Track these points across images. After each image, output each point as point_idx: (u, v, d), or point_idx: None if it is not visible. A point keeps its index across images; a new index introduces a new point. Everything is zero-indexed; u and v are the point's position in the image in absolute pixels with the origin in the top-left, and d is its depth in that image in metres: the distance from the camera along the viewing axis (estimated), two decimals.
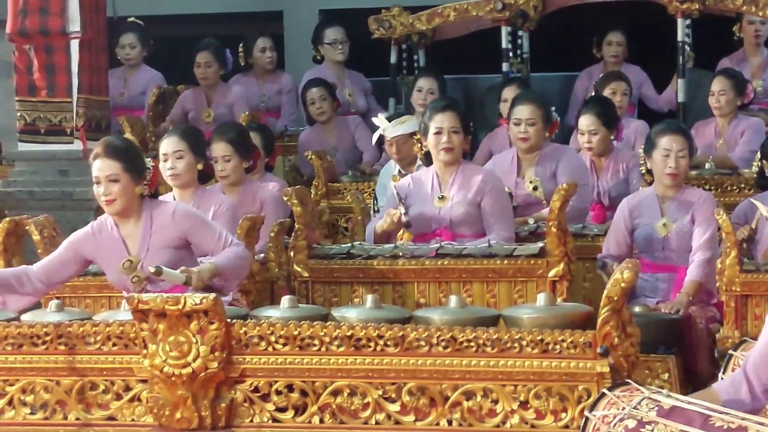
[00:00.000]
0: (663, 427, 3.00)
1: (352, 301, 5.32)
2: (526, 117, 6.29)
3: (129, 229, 4.86)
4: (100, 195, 4.80)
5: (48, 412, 4.16)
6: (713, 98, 7.55)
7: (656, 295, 5.58)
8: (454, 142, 5.69)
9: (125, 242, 4.85)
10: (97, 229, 4.91)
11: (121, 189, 4.77)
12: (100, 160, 4.79)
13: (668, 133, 5.68)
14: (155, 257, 4.77)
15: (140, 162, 4.87)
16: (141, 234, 4.83)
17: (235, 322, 3.99)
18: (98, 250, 4.87)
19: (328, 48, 9.01)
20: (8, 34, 7.20)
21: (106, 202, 4.80)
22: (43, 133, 7.20)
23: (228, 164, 6.11)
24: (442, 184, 5.75)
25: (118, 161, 4.77)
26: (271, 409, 3.99)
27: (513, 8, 8.42)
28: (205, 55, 8.64)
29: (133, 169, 4.80)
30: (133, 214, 4.85)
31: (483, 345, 3.83)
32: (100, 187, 4.79)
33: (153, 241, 4.82)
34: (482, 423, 3.85)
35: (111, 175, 4.76)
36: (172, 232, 4.83)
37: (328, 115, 8.29)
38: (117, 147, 4.84)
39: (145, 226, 4.84)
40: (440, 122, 5.70)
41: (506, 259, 5.30)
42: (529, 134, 6.29)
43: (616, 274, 3.71)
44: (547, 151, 6.37)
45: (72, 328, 4.11)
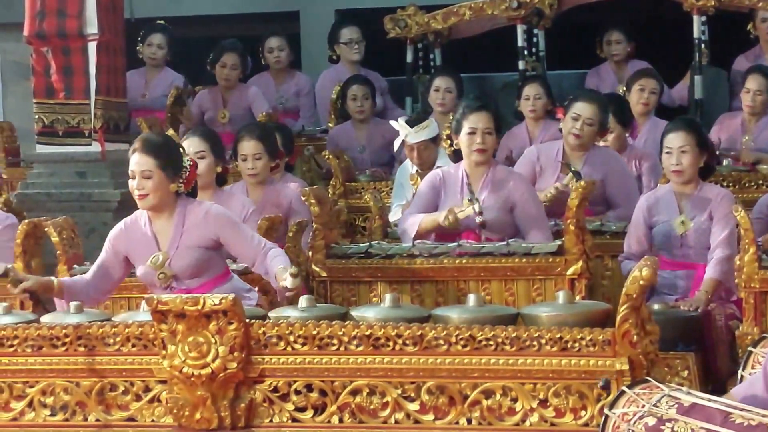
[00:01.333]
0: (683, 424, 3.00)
1: (370, 301, 5.32)
2: (586, 116, 6.26)
3: (161, 225, 4.90)
4: (134, 189, 4.84)
5: (68, 413, 4.17)
6: (748, 96, 7.50)
7: (675, 293, 5.57)
8: (488, 144, 5.67)
9: (156, 238, 4.90)
10: (130, 223, 4.97)
11: (154, 185, 4.81)
12: (137, 155, 4.84)
13: (670, 131, 5.68)
14: (184, 256, 4.83)
15: (177, 160, 4.90)
16: (173, 231, 4.87)
17: (253, 323, 3.99)
18: (130, 244, 4.93)
19: (344, 47, 9.03)
20: (26, 37, 7.22)
21: (139, 197, 4.85)
22: (61, 135, 7.22)
23: (259, 162, 6.13)
24: (472, 185, 5.71)
25: (153, 157, 4.82)
26: (291, 409, 4.00)
27: (528, 6, 8.42)
28: (232, 56, 8.66)
29: (168, 166, 4.84)
30: (167, 210, 4.88)
31: (502, 343, 3.82)
32: (134, 181, 4.84)
33: (184, 240, 4.86)
34: (501, 422, 3.85)
35: (145, 171, 4.81)
36: (204, 232, 4.86)
37: (367, 115, 8.32)
38: (154, 143, 4.89)
39: (177, 223, 4.88)
40: (474, 122, 5.67)
41: (524, 258, 5.30)
42: (584, 133, 6.26)
43: (635, 272, 3.71)
44: (596, 154, 6.33)
45: (91, 329, 4.12)
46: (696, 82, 8.06)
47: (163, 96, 8.84)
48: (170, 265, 4.85)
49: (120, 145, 7.44)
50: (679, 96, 8.56)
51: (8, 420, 4.20)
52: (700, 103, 8.05)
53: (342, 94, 8.46)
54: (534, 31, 8.71)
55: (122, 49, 7.48)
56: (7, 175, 8.53)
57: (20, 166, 8.59)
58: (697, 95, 8.06)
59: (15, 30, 7.83)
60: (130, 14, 8.72)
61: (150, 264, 4.86)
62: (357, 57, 9.03)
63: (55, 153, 7.21)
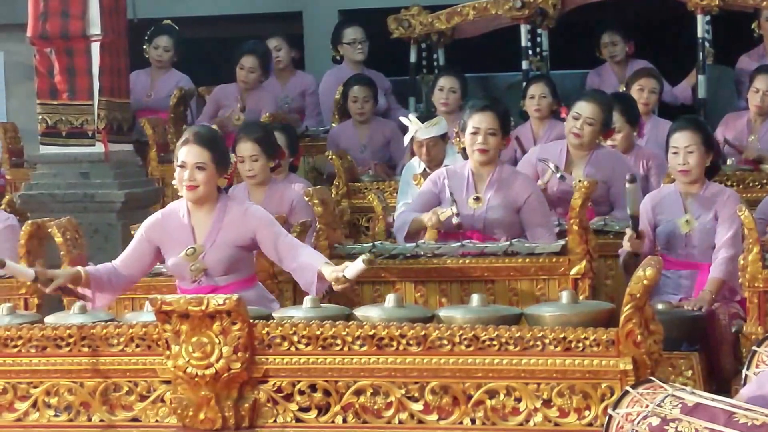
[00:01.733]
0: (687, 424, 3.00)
1: (374, 301, 5.32)
2: (586, 115, 6.25)
3: (200, 218, 4.93)
4: (183, 180, 4.85)
5: (72, 413, 4.18)
6: (757, 96, 7.48)
7: (679, 292, 5.56)
8: (490, 144, 5.65)
9: (194, 230, 4.92)
10: (168, 213, 5.00)
11: (206, 177, 4.85)
12: (190, 146, 4.86)
13: (675, 131, 5.68)
14: (219, 251, 4.87)
15: (227, 155, 4.97)
16: (211, 225, 4.90)
17: (257, 323, 3.99)
18: (165, 234, 4.95)
19: (347, 48, 9.03)
20: (29, 38, 7.22)
21: (188, 188, 4.86)
22: (64, 135, 7.22)
23: (256, 164, 6.13)
24: (478, 184, 5.71)
25: (208, 150, 4.86)
26: (295, 409, 4.00)
27: (532, 6, 8.42)
28: (250, 59, 8.64)
29: (220, 160, 4.89)
30: (208, 204, 4.93)
31: (506, 343, 3.82)
32: (185, 172, 4.85)
33: (221, 235, 4.89)
34: (505, 421, 3.85)
35: (199, 163, 4.84)
36: (242, 230, 4.89)
37: (368, 116, 8.32)
38: (207, 136, 4.94)
39: (216, 218, 4.91)
40: (478, 122, 5.67)
41: (528, 258, 5.30)
42: (584, 133, 6.25)
43: (639, 272, 3.70)
44: (602, 154, 6.32)
45: (95, 329, 4.12)
46: (700, 82, 8.06)
47: (167, 97, 8.85)
48: (204, 259, 4.87)
49: (123, 146, 7.44)
50: (683, 95, 8.57)
51: (12, 420, 4.21)
52: (705, 103, 8.05)
53: (343, 94, 8.46)
54: (538, 30, 8.72)
55: (125, 50, 7.48)
56: (11, 175, 8.55)
57: (24, 166, 8.60)
58: (701, 94, 8.06)
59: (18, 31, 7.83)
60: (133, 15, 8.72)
61: (184, 255, 4.87)
62: (360, 57, 9.03)
63: (59, 154, 7.21)
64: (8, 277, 5.64)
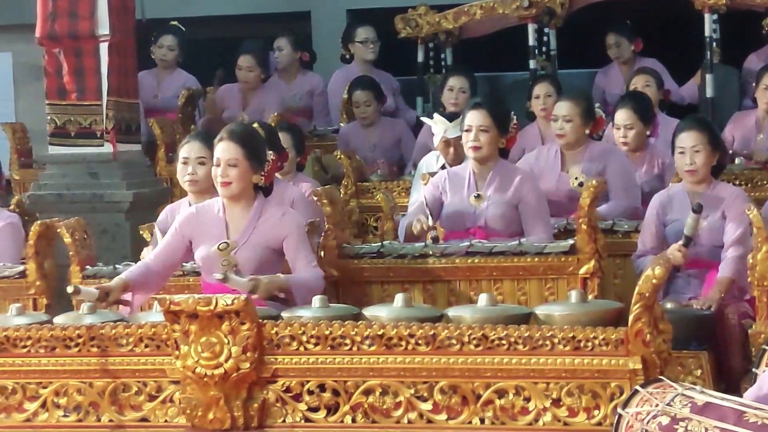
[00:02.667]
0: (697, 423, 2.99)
1: (382, 301, 5.32)
2: (562, 114, 6.30)
3: (235, 214, 4.95)
4: (217, 176, 4.88)
5: (81, 414, 4.18)
6: (766, 93, 7.45)
7: (688, 292, 5.56)
8: (481, 141, 5.66)
9: (228, 225, 4.94)
10: (202, 207, 5.03)
11: (239, 174, 4.87)
12: (224, 143, 4.89)
13: (682, 131, 5.68)
14: (251, 250, 4.89)
15: (262, 151, 4.97)
16: (246, 223, 4.92)
17: (266, 323, 4.00)
18: (198, 227, 4.97)
19: (359, 46, 9.02)
20: (38, 38, 7.23)
21: (222, 184, 4.89)
22: (73, 136, 7.22)
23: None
24: (479, 182, 5.72)
25: (241, 146, 4.87)
26: (304, 409, 4.00)
27: (539, 6, 8.43)
28: (247, 58, 8.69)
29: (253, 157, 4.90)
30: (243, 201, 4.95)
31: (514, 343, 3.82)
32: (218, 168, 4.88)
33: (254, 235, 4.91)
34: (515, 421, 3.85)
35: (231, 159, 4.86)
36: (276, 232, 4.92)
37: (372, 120, 8.33)
38: (241, 133, 4.96)
39: (252, 216, 4.93)
40: (470, 120, 5.70)
41: (537, 257, 5.29)
42: (565, 131, 6.29)
43: (648, 271, 3.70)
44: (595, 149, 6.36)
45: (104, 330, 4.13)
46: (707, 81, 8.05)
47: (175, 97, 8.86)
48: (236, 254, 4.87)
49: (132, 146, 7.45)
50: (689, 94, 8.56)
51: (22, 421, 4.22)
52: (712, 102, 8.04)
53: (348, 96, 8.47)
54: (545, 30, 8.71)
55: (133, 50, 7.49)
56: (20, 176, 8.56)
57: (32, 167, 8.61)
58: (709, 94, 8.05)
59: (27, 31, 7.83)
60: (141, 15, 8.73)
61: (216, 249, 4.86)
62: (371, 56, 9.03)
63: (67, 154, 7.21)
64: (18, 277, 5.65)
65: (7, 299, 5.51)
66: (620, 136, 6.64)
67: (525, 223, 5.64)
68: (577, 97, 6.43)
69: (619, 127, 6.64)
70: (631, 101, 6.72)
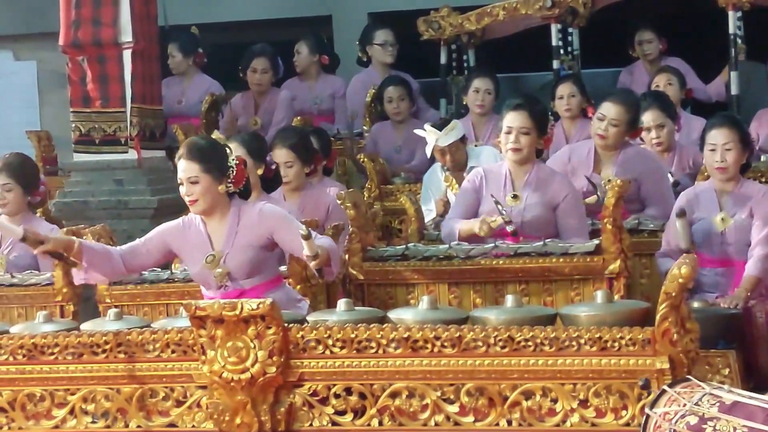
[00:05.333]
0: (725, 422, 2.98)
1: (407, 303, 5.32)
2: (611, 116, 6.18)
3: (215, 225, 4.95)
4: (184, 195, 4.90)
5: (109, 420, 4.19)
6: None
7: (715, 290, 5.54)
8: (522, 143, 5.62)
9: (210, 238, 4.94)
10: (188, 223, 5.02)
11: (202, 189, 4.85)
12: (183, 161, 4.89)
13: (713, 128, 5.65)
14: (239, 255, 4.88)
15: (222, 161, 4.92)
16: (227, 231, 4.92)
17: (292, 327, 4.00)
18: (184, 244, 4.97)
19: (377, 49, 9.03)
20: (61, 46, 7.26)
21: (190, 203, 4.90)
22: (97, 143, 7.26)
23: (291, 170, 6.15)
24: (516, 182, 5.70)
25: (197, 162, 4.86)
26: (330, 413, 4.00)
27: (562, 5, 8.40)
28: (262, 61, 8.73)
29: (213, 169, 4.88)
30: (219, 211, 4.93)
31: (541, 344, 3.81)
32: (183, 187, 4.89)
33: (238, 239, 4.90)
34: (542, 422, 3.84)
35: (191, 177, 4.85)
36: (258, 231, 4.90)
37: (404, 116, 8.34)
38: (197, 148, 4.92)
39: (231, 223, 4.92)
40: (510, 122, 5.64)
41: (562, 258, 5.28)
42: (608, 134, 6.19)
43: (674, 270, 3.69)
44: (630, 152, 6.27)
45: (131, 336, 4.14)
46: (732, 78, 8.02)
47: (199, 102, 8.89)
48: (225, 263, 4.89)
49: (156, 152, 7.48)
50: (715, 92, 8.53)
51: (50, 428, 4.23)
52: (738, 99, 8.01)
53: (378, 96, 8.47)
54: (568, 30, 8.69)
55: (157, 57, 7.52)
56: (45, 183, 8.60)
57: (58, 174, 8.65)
58: (734, 91, 8.02)
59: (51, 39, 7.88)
60: (164, 21, 8.75)
61: (205, 263, 4.90)
62: (390, 60, 9.03)
63: (92, 161, 7.25)
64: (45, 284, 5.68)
65: (35, 306, 5.55)
66: (653, 136, 6.60)
67: (561, 226, 5.60)
68: (629, 104, 6.28)
69: (650, 128, 6.60)
70: (656, 101, 6.69)
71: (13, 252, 6.07)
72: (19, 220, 6.10)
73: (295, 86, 9.19)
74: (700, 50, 8.94)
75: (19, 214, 6.14)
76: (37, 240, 4.76)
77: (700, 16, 9.12)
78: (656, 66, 8.63)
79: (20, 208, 6.17)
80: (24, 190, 6.18)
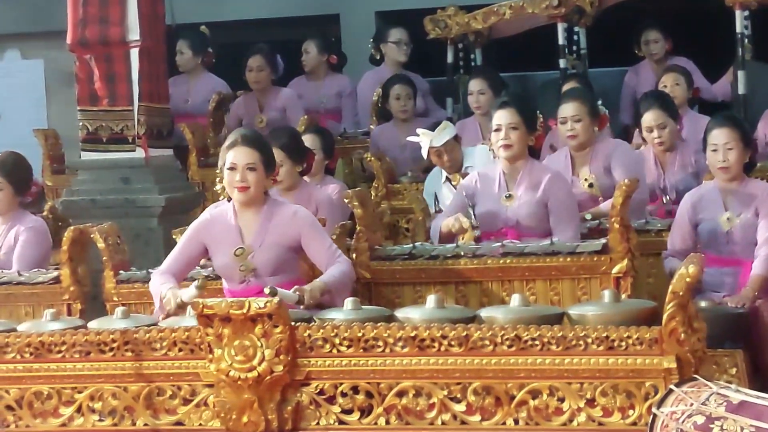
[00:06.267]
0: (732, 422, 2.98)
1: (414, 302, 5.32)
2: (570, 114, 6.26)
3: (247, 219, 4.99)
4: (234, 181, 4.91)
5: (116, 418, 4.20)
6: None
7: (722, 290, 5.54)
8: (512, 139, 5.64)
9: (241, 231, 4.98)
10: (216, 215, 5.06)
11: (258, 177, 4.93)
12: (239, 148, 4.93)
13: (714, 128, 5.66)
14: (267, 251, 4.93)
15: (272, 157, 5.04)
16: (258, 227, 4.96)
17: (299, 325, 4.00)
18: (213, 235, 5.01)
19: (391, 47, 9.02)
20: (69, 45, 7.26)
21: (239, 189, 4.92)
22: (105, 141, 7.25)
23: (281, 169, 6.13)
24: (509, 183, 5.71)
25: (257, 151, 4.93)
26: (337, 412, 4.01)
27: (569, 5, 8.39)
28: (257, 59, 8.73)
29: (266, 162, 4.97)
30: (255, 205, 4.99)
31: (548, 343, 3.82)
32: (235, 174, 4.91)
33: (268, 236, 4.95)
34: (549, 422, 3.84)
35: (250, 164, 4.92)
36: (289, 231, 4.95)
37: (410, 114, 8.34)
38: (255, 138, 5.03)
39: (264, 220, 4.96)
40: (498, 119, 5.68)
41: (569, 257, 5.27)
42: (576, 131, 6.25)
43: (681, 269, 3.69)
44: (599, 146, 6.33)
45: (138, 334, 4.15)
46: (739, 78, 8.00)
47: (206, 101, 8.89)
48: (252, 258, 4.91)
49: (163, 151, 7.47)
50: (722, 91, 8.52)
51: (57, 426, 4.24)
52: (744, 99, 8.00)
53: (384, 94, 8.47)
54: (575, 29, 8.68)
55: (164, 55, 7.51)
56: (52, 182, 8.61)
57: (65, 173, 8.65)
58: (741, 90, 8.00)
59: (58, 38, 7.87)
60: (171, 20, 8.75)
61: (234, 255, 4.93)
62: (403, 58, 9.03)
63: (100, 160, 7.25)
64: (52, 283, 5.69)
65: (42, 305, 5.55)
66: (654, 136, 6.60)
67: (553, 221, 5.62)
68: (581, 96, 6.38)
69: (651, 128, 6.60)
70: (657, 101, 6.70)
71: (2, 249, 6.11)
72: (8, 218, 6.17)
73: (301, 85, 9.20)
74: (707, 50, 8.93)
75: (9, 213, 6.21)
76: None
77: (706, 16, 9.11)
78: (662, 65, 8.62)
79: (10, 207, 6.23)
80: (15, 190, 6.23)
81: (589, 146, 6.31)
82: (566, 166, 6.31)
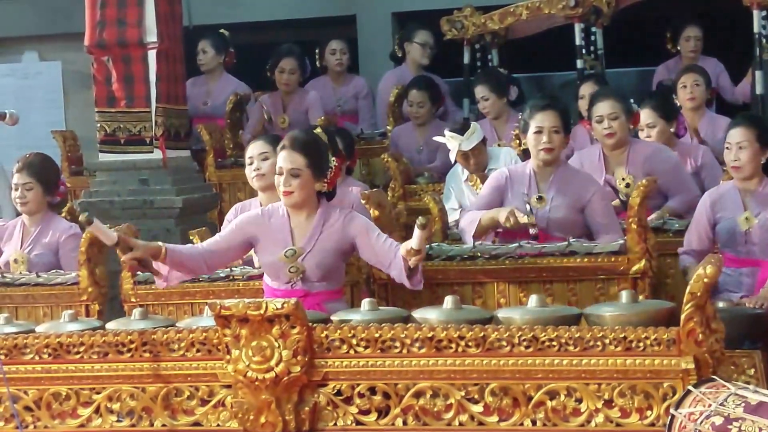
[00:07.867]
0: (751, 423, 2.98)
1: (432, 303, 5.30)
2: (608, 112, 6.21)
3: (300, 221, 4.96)
4: (280, 185, 4.88)
5: (135, 419, 4.21)
6: None
7: (740, 290, 5.52)
8: (555, 142, 5.61)
9: (293, 232, 4.94)
10: (268, 213, 5.01)
11: (301, 183, 4.87)
12: (286, 152, 4.88)
13: (731, 127, 5.67)
14: (317, 255, 4.89)
15: (325, 159, 4.95)
16: (311, 230, 4.93)
17: (316, 326, 4.01)
18: (264, 232, 4.96)
19: (416, 47, 9.02)
20: (87, 47, 7.29)
21: (284, 193, 4.89)
22: (123, 143, 7.28)
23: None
24: (540, 184, 5.68)
25: (303, 155, 4.87)
26: (354, 412, 4.01)
27: (586, 5, 8.38)
28: (290, 61, 8.73)
29: (316, 165, 4.89)
30: (307, 208, 4.95)
31: (565, 344, 3.81)
32: (281, 178, 4.88)
33: (321, 240, 4.91)
34: (567, 422, 3.84)
35: (293, 169, 4.86)
36: (343, 236, 4.92)
37: (424, 120, 8.34)
38: (304, 141, 4.93)
39: (317, 223, 4.93)
40: (540, 121, 5.63)
41: (587, 257, 5.26)
42: (614, 129, 6.20)
43: (699, 270, 3.68)
44: (637, 147, 6.28)
45: (156, 335, 4.16)
46: (757, 78, 7.98)
47: (224, 103, 8.90)
48: (303, 261, 4.89)
49: (181, 152, 7.50)
50: (742, 93, 8.50)
51: (76, 426, 4.26)
52: (761, 99, 7.97)
53: (398, 97, 8.49)
54: (592, 29, 8.66)
55: (181, 57, 7.54)
56: (71, 183, 8.63)
57: (83, 174, 8.68)
58: (759, 91, 7.98)
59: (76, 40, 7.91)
60: (189, 22, 8.78)
61: (283, 256, 4.89)
62: (426, 61, 9.03)
63: (117, 161, 7.28)
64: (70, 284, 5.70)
65: (60, 306, 5.57)
66: (644, 136, 6.62)
67: (593, 226, 5.57)
68: (617, 94, 6.35)
69: (642, 128, 6.61)
70: (651, 100, 6.70)
71: (34, 250, 6.11)
72: (39, 219, 6.15)
73: (320, 86, 9.20)
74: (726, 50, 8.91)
75: (38, 213, 6.19)
76: (127, 246, 4.72)
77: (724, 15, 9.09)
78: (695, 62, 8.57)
79: (40, 208, 6.20)
80: (44, 190, 6.20)
81: (624, 145, 6.27)
82: (599, 165, 6.26)
